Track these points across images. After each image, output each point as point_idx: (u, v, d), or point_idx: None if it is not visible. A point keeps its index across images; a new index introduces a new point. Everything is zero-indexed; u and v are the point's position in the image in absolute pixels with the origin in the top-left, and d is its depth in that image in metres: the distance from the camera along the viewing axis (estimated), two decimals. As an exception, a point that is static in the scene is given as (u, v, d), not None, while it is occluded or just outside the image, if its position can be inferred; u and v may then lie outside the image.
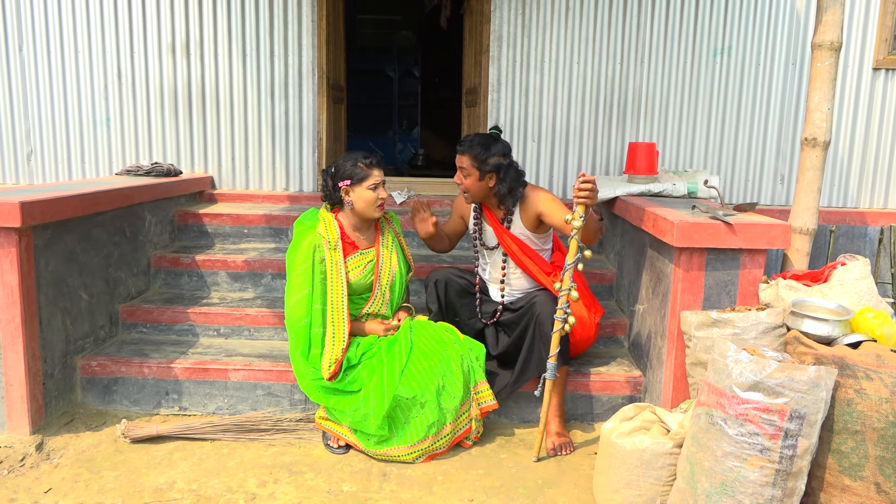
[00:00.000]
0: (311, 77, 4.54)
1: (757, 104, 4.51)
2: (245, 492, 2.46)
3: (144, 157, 4.61)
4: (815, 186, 2.92)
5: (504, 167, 2.88)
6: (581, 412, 3.08)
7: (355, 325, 2.87)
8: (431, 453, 2.71)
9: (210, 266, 3.76)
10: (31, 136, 4.63)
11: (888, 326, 2.31)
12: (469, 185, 2.92)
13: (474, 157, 2.86)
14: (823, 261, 4.23)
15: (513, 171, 2.90)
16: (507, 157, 2.91)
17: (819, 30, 2.85)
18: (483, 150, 2.86)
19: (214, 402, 3.09)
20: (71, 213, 2.99)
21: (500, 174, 2.88)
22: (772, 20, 4.41)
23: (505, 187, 2.88)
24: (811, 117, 2.88)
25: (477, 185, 2.91)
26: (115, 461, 2.66)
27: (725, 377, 2.05)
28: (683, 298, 2.65)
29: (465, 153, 2.89)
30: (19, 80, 4.55)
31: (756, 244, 2.59)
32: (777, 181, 4.60)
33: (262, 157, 4.65)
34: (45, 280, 2.89)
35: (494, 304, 3.10)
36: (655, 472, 2.25)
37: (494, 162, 2.86)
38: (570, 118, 4.57)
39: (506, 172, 2.88)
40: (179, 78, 4.54)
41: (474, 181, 2.90)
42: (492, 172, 2.88)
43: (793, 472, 1.98)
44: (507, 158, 2.90)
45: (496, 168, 2.87)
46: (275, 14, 4.48)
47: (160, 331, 3.47)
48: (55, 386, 2.99)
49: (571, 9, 4.44)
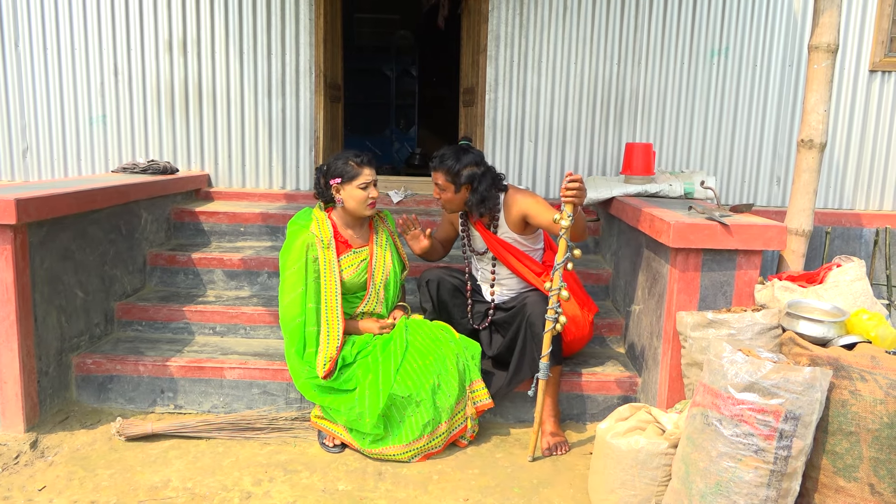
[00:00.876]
0: (308, 76, 4.54)
1: (753, 105, 4.52)
2: (240, 490, 2.46)
3: (141, 155, 4.60)
4: (812, 188, 2.92)
5: (478, 176, 2.87)
6: (576, 412, 3.09)
7: (350, 323, 2.87)
8: (427, 452, 2.71)
9: (206, 264, 3.75)
10: (27, 133, 4.61)
11: (883, 328, 2.32)
12: (447, 199, 2.92)
13: (447, 170, 2.86)
14: (819, 262, 4.24)
15: (487, 178, 2.89)
16: (480, 165, 2.90)
17: (816, 32, 2.85)
18: (455, 163, 2.85)
19: (210, 401, 3.09)
20: (66, 211, 2.98)
21: (473, 185, 2.87)
22: (769, 22, 4.42)
23: (476, 197, 2.88)
24: (807, 119, 2.89)
25: (455, 198, 2.92)
26: (109, 459, 2.65)
27: (721, 378, 2.05)
28: (679, 299, 2.66)
29: (438, 168, 2.89)
30: (15, 77, 4.54)
31: (752, 245, 2.60)
32: (773, 182, 4.61)
33: (259, 156, 4.64)
34: (41, 277, 2.88)
35: (486, 304, 3.10)
36: (650, 473, 2.25)
37: (468, 173, 2.86)
38: (567, 118, 4.57)
39: (479, 182, 2.87)
40: (176, 75, 4.53)
41: (451, 195, 2.91)
42: (467, 184, 2.88)
43: (787, 473, 1.98)
44: (480, 167, 2.89)
45: (470, 179, 2.87)
46: (272, 12, 4.48)
47: (156, 329, 3.46)
48: (50, 384, 2.98)
49: (569, 9, 4.45)
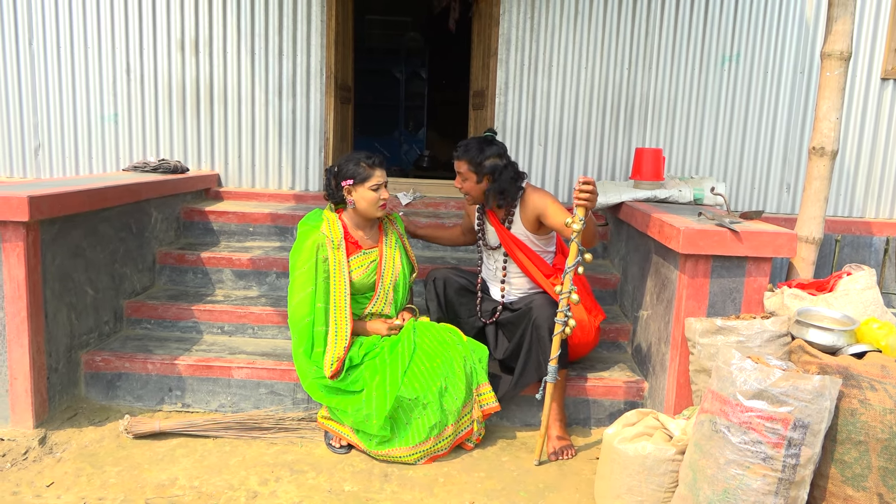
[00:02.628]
0: (319, 77, 4.56)
1: (764, 112, 4.51)
2: (246, 490, 2.47)
3: (151, 154, 4.63)
4: (822, 195, 2.91)
5: (500, 168, 2.90)
6: (583, 417, 3.08)
7: (358, 324, 2.87)
8: (433, 455, 2.71)
9: (215, 264, 3.77)
10: (39, 131, 4.64)
11: (893, 337, 2.31)
12: (468, 188, 2.95)
13: (470, 160, 2.89)
14: (829, 270, 4.22)
15: (509, 171, 2.92)
16: (503, 157, 2.93)
17: (829, 39, 2.84)
18: (478, 153, 2.89)
19: (217, 400, 3.10)
20: (78, 209, 3.00)
21: (494, 175, 2.90)
22: (780, 29, 4.41)
23: (497, 187, 2.90)
24: (819, 126, 2.88)
25: (476, 188, 2.94)
26: (117, 456, 2.67)
27: (729, 385, 2.05)
28: (688, 305, 2.65)
29: (462, 158, 2.92)
30: (29, 75, 4.57)
31: (762, 252, 2.59)
32: (783, 189, 4.59)
33: (269, 156, 4.66)
34: (52, 274, 2.90)
35: (495, 302, 3.10)
36: (657, 479, 2.25)
37: (490, 164, 2.89)
38: (577, 122, 4.57)
39: (501, 173, 2.90)
40: (188, 75, 4.55)
41: (473, 184, 2.93)
42: (489, 174, 2.90)
43: (795, 482, 1.98)
44: (503, 159, 2.92)
45: (493, 170, 2.90)
46: (284, 13, 4.50)
47: (164, 327, 3.48)
48: (59, 380, 3.00)
49: (580, 13, 4.45)
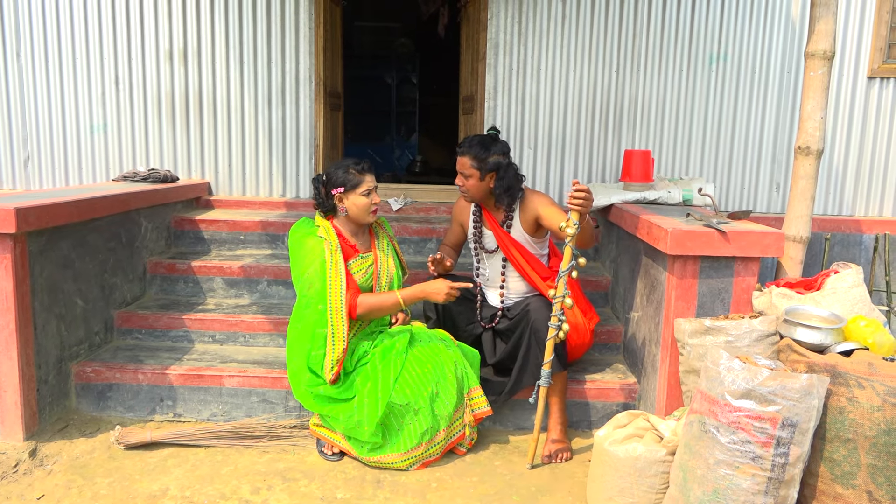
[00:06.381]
0: (308, 84, 4.56)
1: (752, 112, 4.53)
2: (239, 499, 2.46)
3: (141, 164, 4.62)
4: (809, 194, 2.93)
5: (504, 166, 2.91)
6: (576, 419, 3.08)
7: (414, 287, 2.78)
8: (425, 460, 2.71)
9: (206, 272, 3.76)
10: (28, 142, 4.63)
11: (880, 335, 2.32)
12: (470, 186, 2.94)
13: (474, 157, 2.89)
14: (819, 268, 4.24)
15: (512, 170, 2.93)
16: (506, 156, 2.94)
17: (812, 39, 2.86)
18: (482, 150, 2.89)
19: (209, 409, 3.09)
20: (66, 219, 2.99)
21: (499, 173, 2.90)
22: (767, 28, 4.44)
23: (503, 185, 2.90)
24: (804, 126, 2.89)
25: (478, 186, 2.94)
26: (108, 468, 2.66)
27: (718, 385, 2.05)
28: (677, 306, 2.66)
29: (465, 154, 2.91)
30: (17, 87, 4.56)
31: (750, 252, 2.60)
32: (772, 189, 4.61)
33: (259, 164, 4.66)
34: (40, 286, 2.89)
35: (493, 309, 3.10)
36: (648, 480, 2.25)
37: (494, 161, 2.89)
38: (566, 125, 4.58)
39: (505, 171, 2.91)
40: (177, 85, 4.55)
41: (475, 182, 2.93)
42: (492, 172, 2.90)
43: (785, 480, 1.98)
44: (506, 158, 2.93)
45: (496, 167, 2.90)
46: (272, 21, 4.50)
47: (155, 337, 3.47)
48: (49, 392, 2.98)
49: (567, 17, 4.46)
